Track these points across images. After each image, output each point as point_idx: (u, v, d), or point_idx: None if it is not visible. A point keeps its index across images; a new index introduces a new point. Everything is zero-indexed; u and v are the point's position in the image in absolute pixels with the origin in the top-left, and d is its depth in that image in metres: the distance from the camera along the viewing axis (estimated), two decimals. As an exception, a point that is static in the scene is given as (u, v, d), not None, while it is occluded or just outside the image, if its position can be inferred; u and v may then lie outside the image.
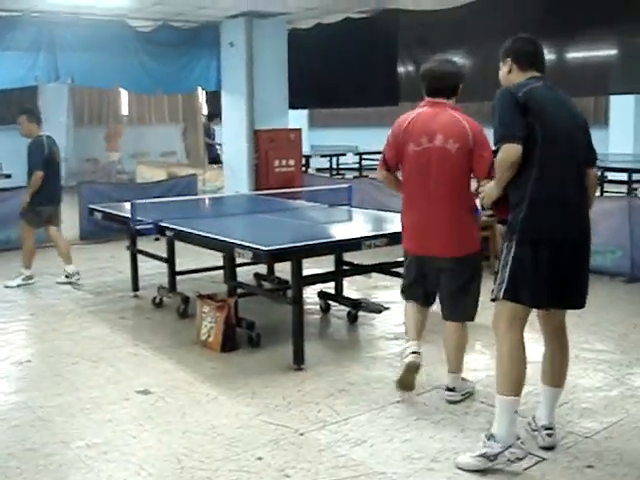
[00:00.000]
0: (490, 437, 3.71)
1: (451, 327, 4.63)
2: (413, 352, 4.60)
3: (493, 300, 3.78)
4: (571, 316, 4.00)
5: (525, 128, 3.56)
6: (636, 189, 11.73)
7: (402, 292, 4.85)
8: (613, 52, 8.61)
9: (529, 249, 3.62)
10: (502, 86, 3.87)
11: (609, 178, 11.90)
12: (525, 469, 3.74)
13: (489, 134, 4.03)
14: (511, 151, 3.55)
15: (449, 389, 4.66)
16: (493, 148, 3.78)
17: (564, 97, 3.84)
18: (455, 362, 4.66)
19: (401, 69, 11.05)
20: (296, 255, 5.07)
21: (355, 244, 5.44)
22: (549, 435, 3.94)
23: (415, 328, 4.70)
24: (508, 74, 3.91)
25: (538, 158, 3.59)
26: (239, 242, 5.16)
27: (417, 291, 4.72)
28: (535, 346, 4.06)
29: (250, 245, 5.02)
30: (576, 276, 3.78)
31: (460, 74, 4.81)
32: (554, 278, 3.66)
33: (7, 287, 7.92)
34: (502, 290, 3.70)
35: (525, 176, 3.61)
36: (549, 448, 3.92)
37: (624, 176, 11.75)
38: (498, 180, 3.67)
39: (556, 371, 3.97)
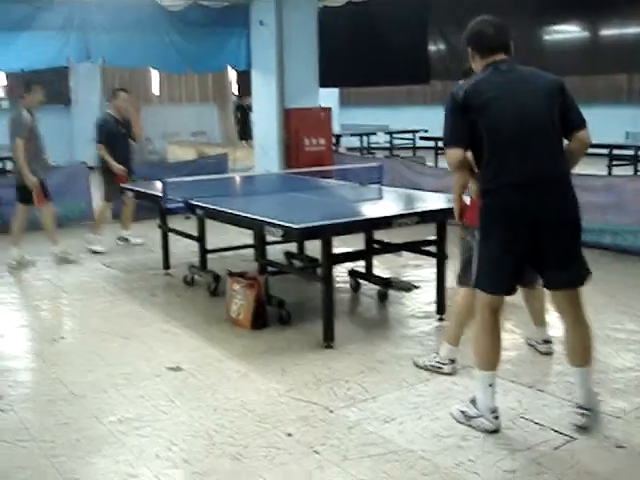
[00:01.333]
0: (472, 401, 3.97)
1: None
2: (453, 361, 4.76)
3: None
4: (602, 295, 3.99)
5: (467, 128, 3.66)
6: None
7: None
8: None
9: (491, 238, 3.70)
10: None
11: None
12: (555, 448, 3.73)
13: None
14: (452, 156, 3.70)
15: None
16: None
17: (521, 75, 3.76)
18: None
19: (432, 47, 10.98)
20: (326, 233, 5.07)
21: (386, 222, 5.43)
22: (582, 415, 3.89)
23: (462, 331, 4.76)
24: (473, 63, 3.86)
25: (487, 149, 3.63)
26: (269, 220, 5.17)
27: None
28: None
29: (280, 223, 5.02)
30: (558, 255, 3.71)
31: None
32: (526, 261, 3.74)
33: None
34: (472, 279, 3.89)
35: (481, 168, 3.73)
36: (583, 428, 3.88)
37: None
38: (456, 179, 3.90)
39: (574, 350, 3.90)
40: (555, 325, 4.81)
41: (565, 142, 3.77)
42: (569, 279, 3.78)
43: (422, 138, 15.62)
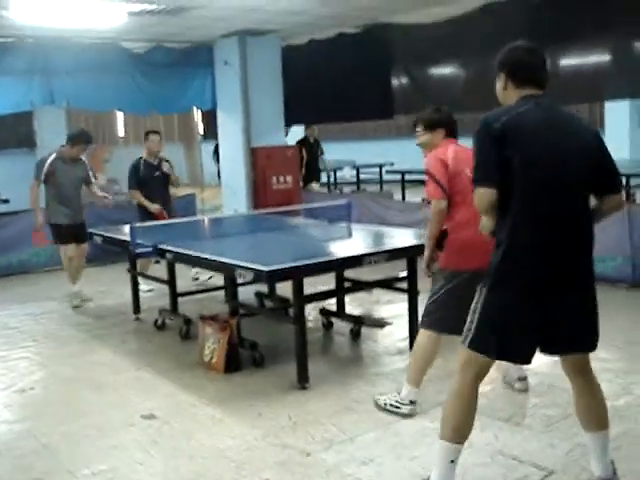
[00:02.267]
0: None
1: None
2: (412, 402, 4.65)
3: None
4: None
5: (501, 166, 3.18)
6: (634, 194, 11.75)
7: (437, 323, 4.57)
8: (607, 58, 8.63)
9: (502, 297, 3.27)
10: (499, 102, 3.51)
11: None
12: (534, 483, 3.72)
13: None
14: (484, 196, 3.21)
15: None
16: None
17: (564, 117, 3.39)
18: None
19: (395, 82, 11.08)
20: (297, 274, 5.06)
21: (356, 261, 5.42)
22: None
23: (425, 372, 4.68)
24: (504, 90, 3.46)
25: (519, 195, 3.19)
26: (239, 263, 5.15)
27: (461, 318, 4.53)
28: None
29: (251, 266, 5.00)
30: (570, 321, 3.33)
31: None
32: (535, 326, 3.30)
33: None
34: (468, 338, 3.36)
35: (506, 215, 3.24)
36: None
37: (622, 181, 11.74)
38: (485, 218, 3.33)
39: (588, 415, 3.54)
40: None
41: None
42: (584, 344, 3.43)
43: (388, 172, 15.72)
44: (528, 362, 3.45)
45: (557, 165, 3.23)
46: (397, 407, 4.66)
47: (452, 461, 3.41)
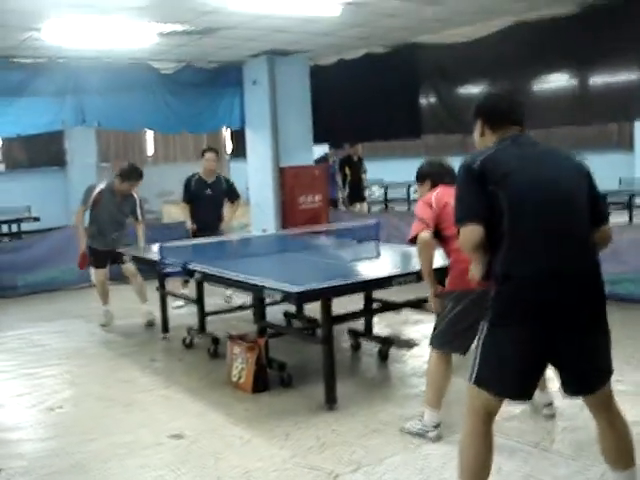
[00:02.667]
0: None
1: None
2: (436, 426, 4.63)
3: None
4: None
5: (486, 202, 3.15)
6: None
7: (445, 344, 4.64)
8: (636, 77, 8.58)
9: (500, 332, 3.18)
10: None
11: (638, 204, 11.81)
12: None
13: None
14: (470, 234, 3.17)
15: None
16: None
17: (544, 149, 3.38)
18: None
19: (423, 101, 11.10)
20: (325, 295, 5.06)
21: (385, 282, 5.42)
22: None
23: (443, 392, 4.66)
24: (481, 137, 3.51)
25: (507, 228, 3.13)
26: (268, 284, 5.16)
27: (468, 339, 4.48)
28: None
29: (279, 286, 5.02)
30: (577, 360, 3.22)
31: None
32: (535, 363, 3.22)
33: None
34: (473, 375, 3.28)
35: (497, 250, 3.18)
36: None
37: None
38: (473, 261, 3.30)
39: (614, 453, 3.40)
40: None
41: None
42: (595, 382, 3.30)
43: (416, 191, 15.69)
44: (529, 399, 3.38)
45: (545, 191, 3.18)
46: (422, 433, 4.64)
47: None
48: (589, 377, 3.29)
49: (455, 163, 6.13)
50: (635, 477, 3.42)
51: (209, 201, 8.81)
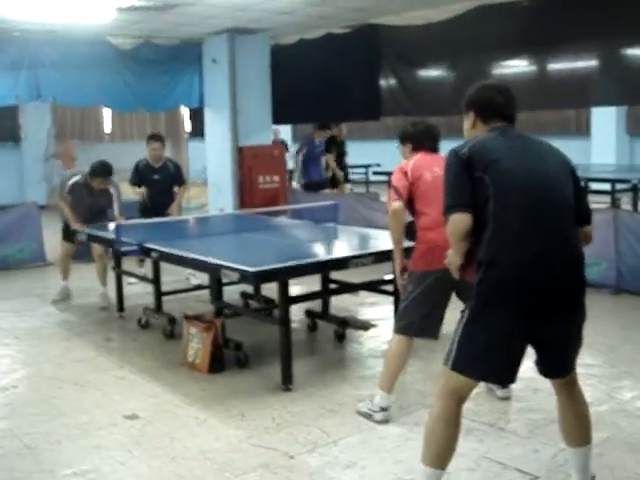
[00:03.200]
0: None
1: None
2: (384, 409, 4.61)
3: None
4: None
5: (472, 190, 3.17)
6: (619, 199, 11.79)
7: (410, 327, 4.57)
8: (594, 64, 8.66)
9: (485, 317, 3.18)
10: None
11: (592, 189, 11.95)
12: (518, 489, 3.73)
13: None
14: (459, 223, 3.17)
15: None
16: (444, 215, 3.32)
17: (531, 141, 3.40)
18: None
19: (383, 83, 11.08)
20: (283, 276, 5.05)
21: (342, 263, 5.42)
22: None
23: (397, 377, 4.66)
24: (472, 129, 3.49)
25: (492, 214, 3.14)
26: (225, 264, 5.13)
27: (435, 321, 4.58)
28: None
29: (236, 266, 4.98)
30: (562, 343, 3.30)
31: None
32: (519, 347, 3.25)
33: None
34: (451, 360, 3.28)
35: (482, 236, 3.17)
36: None
37: (607, 186, 11.80)
38: (454, 250, 3.28)
39: (572, 430, 3.49)
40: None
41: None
42: (568, 367, 3.39)
43: (375, 173, 15.72)
44: (512, 382, 3.41)
45: (535, 184, 3.19)
46: (369, 415, 4.64)
47: None
48: (565, 362, 3.37)
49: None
50: (590, 454, 3.51)
51: (157, 186, 8.74)
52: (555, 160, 3.35)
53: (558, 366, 3.39)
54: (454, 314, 3.48)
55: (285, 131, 15.80)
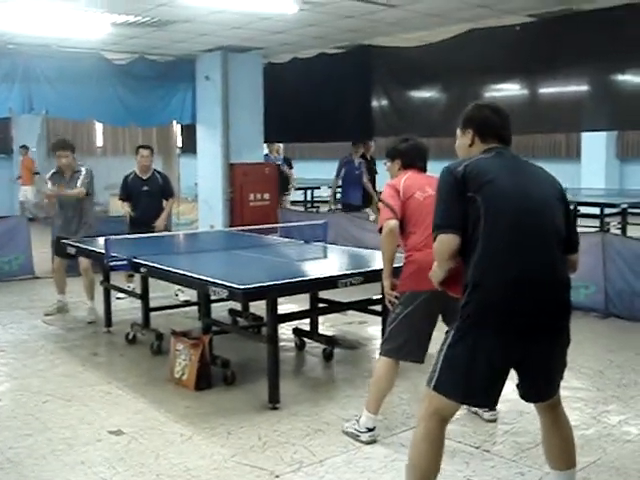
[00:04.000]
0: None
1: None
2: (370, 429, 4.60)
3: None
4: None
5: (463, 210, 3.16)
6: (608, 223, 11.84)
7: (396, 350, 4.53)
8: (585, 89, 8.74)
9: (469, 340, 3.15)
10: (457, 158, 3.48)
11: (582, 212, 12.00)
12: (503, 512, 3.72)
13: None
14: (447, 243, 3.16)
15: None
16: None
17: (526, 165, 3.42)
18: None
19: (375, 104, 11.13)
20: (272, 294, 5.04)
21: (331, 283, 5.41)
22: None
23: (383, 399, 4.64)
24: (469, 147, 3.47)
25: (482, 236, 3.12)
26: (214, 280, 5.12)
27: (421, 344, 4.54)
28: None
29: (225, 283, 4.97)
30: (540, 369, 3.27)
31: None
32: (502, 371, 3.21)
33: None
34: (433, 380, 3.26)
35: (470, 256, 3.16)
36: None
37: (596, 210, 11.85)
38: (439, 267, 3.27)
39: (556, 453, 3.49)
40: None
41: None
42: (550, 391, 3.38)
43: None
44: (493, 406, 3.41)
45: (526, 208, 3.18)
46: (356, 435, 4.62)
47: None
48: (548, 386, 3.36)
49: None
50: (574, 477, 3.50)
51: (146, 198, 8.70)
52: (547, 184, 3.35)
53: (540, 390, 3.37)
54: (440, 334, 3.48)
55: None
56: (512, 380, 3.38)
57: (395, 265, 4.60)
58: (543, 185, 3.32)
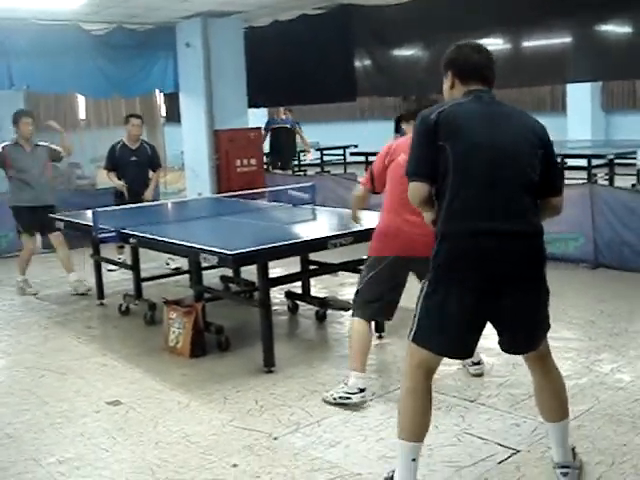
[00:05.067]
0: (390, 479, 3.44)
1: None
2: (362, 390, 4.59)
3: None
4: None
5: (434, 158, 3.14)
6: (596, 175, 11.86)
7: (362, 309, 4.69)
8: (569, 40, 8.69)
9: (441, 290, 3.16)
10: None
11: (568, 164, 12.00)
12: (499, 462, 3.76)
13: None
14: (416, 191, 3.20)
15: None
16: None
17: (504, 110, 3.31)
18: None
19: (358, 64, 11.05)
20: (262, 258, 5.04)
21: (321, 244, 5.42)
22: (564, 474, 3.49)
23: (366, 356, 4.69)
24: (450, 90, 3.40)
25: (450, 185, 3.12)
26: (204, 247, 5.12)
27: (386, 305, 4.70)
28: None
29: (215, 250, 4.98)
30: (516, 320, 3.24)
31: None
32: (475, 322, 3.21)
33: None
34: (412, 333, 3.28)
35: (440, 207, 3.18)
36: None
37: (583, 162, 11.86)
38: (422, 211, 3.33)
39: (548, 406, 3.50)
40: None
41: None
42: (527, 345, 3.36)
43: (352, 154, 15.71)
44: (468, 357, 3.43)
45: (499, 155, 3.14)
46: (347, 398, 4.58)
47: (413, 459, 3.32)
48: (529, 339, 3.33)
49: (389, 127, 6.16)
50: (567, 428, 3.52)
51: (134, 167, 8.68)
52: (525, 130, 3.25)
53: (519, 342, 3.34)
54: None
55: (262, 113, 15.72)
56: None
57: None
58: (518, 132, 3.23)
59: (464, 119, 3.18)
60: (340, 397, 4.60)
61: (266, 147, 13.40)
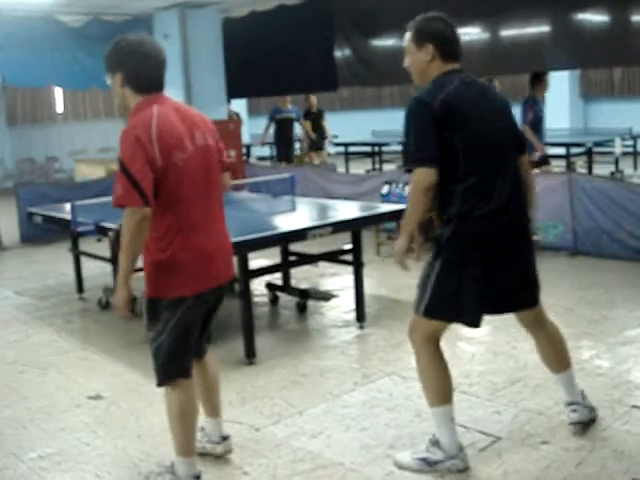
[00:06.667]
0: (435, 443, 3.60)
1: None
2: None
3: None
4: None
5: (440, 145, 3.26)
6: (574, 163, 11.92)
7: (167, 369, 3.81)
8: (547, 29, 8.70)
9: (456, 270, 3.38)
10: (414, 77, 3.55)
11: (548, 153, 12.04)
12: (481, 450, 3.78)
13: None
14: (426, 177, 3.25)
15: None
16: (405, 167, 3.46)
17: (484, 88, 3.54)
18: None
19: (338, 54, 11.03)
20: (242, 249, 5.02)
21: (301, 235, 5.41)
22: (573, 410, 3.88)
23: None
24: (429, 62, 3.43)
25: (465, 171, 3.31)
26: (184, 239, 5.09)
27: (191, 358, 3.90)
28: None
29: (195, 242, 4.95)
30: (525, 278, 3.59)
31: None
32: (490, 293, 3.45)
33: None
34: (423, 307, 3.47)
35: (451, 191, 3.34)
36: (578, 423, 3.89)
37: (562, 150, 11.92)
38: (415, 204, 3.33)
39: (552, 359, 3.86)
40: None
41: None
42: (530, 301, 3.69)
43: (335, 144, 15.70)
44: (479, 325, 3.55)
45: (497, 140, 3.44)
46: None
47: (452, 419, 3.58)
48: (534, 290, 3.68)
49: (370, 117, 6.14)
50: (573, 375, 3.90)
51: None
52: (504, 104, 3.61)
53: (528, 298, 3.67)
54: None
55: (241, 103, 15.66)
56: (485, 322, 3.50)
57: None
58: (503, 111, 3.57)
59: (467, 105, 3.35)
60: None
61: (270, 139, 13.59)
